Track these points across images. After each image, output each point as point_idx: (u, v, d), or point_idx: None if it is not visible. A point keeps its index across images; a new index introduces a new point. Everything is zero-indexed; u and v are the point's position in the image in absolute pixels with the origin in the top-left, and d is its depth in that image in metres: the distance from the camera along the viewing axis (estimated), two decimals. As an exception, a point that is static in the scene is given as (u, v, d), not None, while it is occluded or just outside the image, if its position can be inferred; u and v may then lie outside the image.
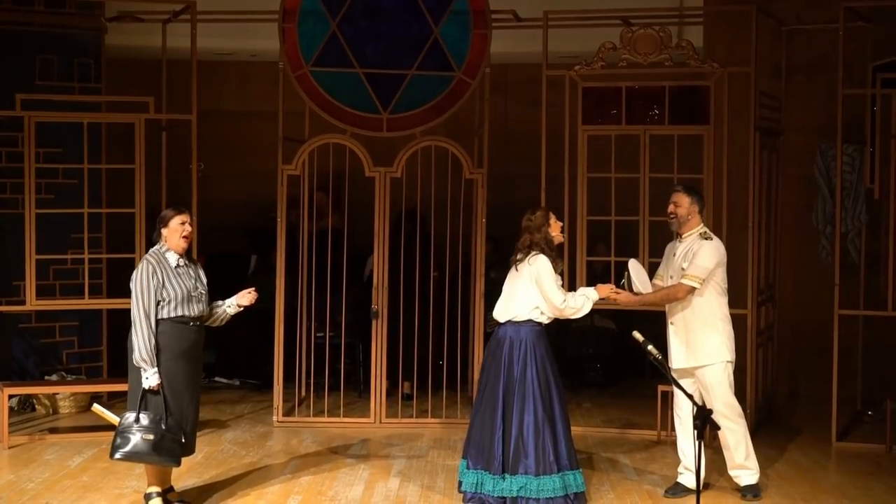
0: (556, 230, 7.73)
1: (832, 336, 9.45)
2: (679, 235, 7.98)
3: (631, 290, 7.93)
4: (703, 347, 7.83)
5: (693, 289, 7.77)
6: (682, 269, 7.81)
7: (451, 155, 9.99)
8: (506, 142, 12.12)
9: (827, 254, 10.51)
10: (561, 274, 7.77)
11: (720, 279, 7.89)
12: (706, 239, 7.86)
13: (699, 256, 7.77)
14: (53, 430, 9.73)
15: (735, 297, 9.41)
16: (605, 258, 9.93)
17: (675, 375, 7.70)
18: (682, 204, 7.91)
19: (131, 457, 7.24)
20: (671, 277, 7.93)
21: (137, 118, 9.75)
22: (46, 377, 10.40)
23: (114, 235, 10.40)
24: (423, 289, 9.99)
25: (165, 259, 7.37)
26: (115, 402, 9.99)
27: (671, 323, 7.94)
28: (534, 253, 7.61)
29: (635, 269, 8.00)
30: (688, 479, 7.95)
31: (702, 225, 7.95)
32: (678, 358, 7.89)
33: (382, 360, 9.98)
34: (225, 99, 12.99)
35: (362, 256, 10.95)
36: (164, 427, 7.23)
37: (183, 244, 7.42)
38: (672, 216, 7.95)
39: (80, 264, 9.89)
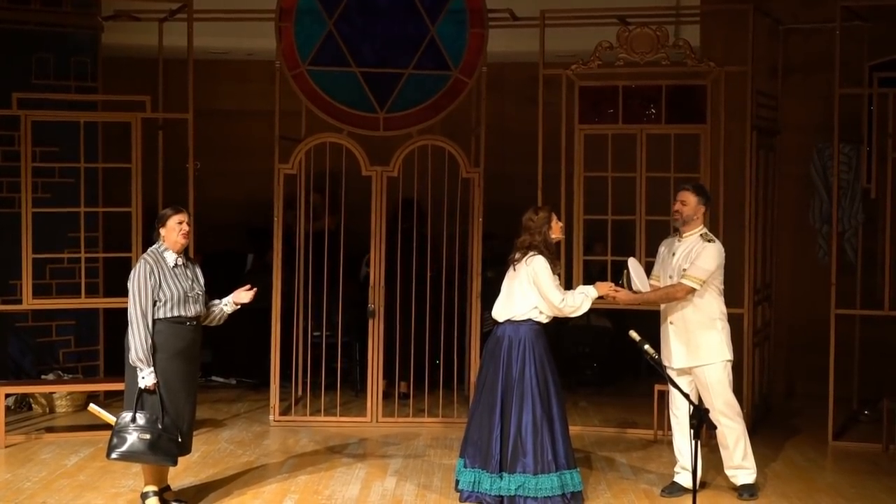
0: (556, 231, 7.73)
1: (829, 335, 9.45)
2: (679, 234, 7.98)
3: (630, 288, 7.94)
4: (703, 347, 7.84)
5: (693, 289, 7.78)
6: (684, 269, 7.81)
7: (447, 154, 9.99)
8: (502, 141, 12.09)
9: (824, 253, 10.51)
10: (558, 275, 7.76)
11: (718, 281, 7.91)
12: (708, 241, 7.86)
13: (701, 258, 7.78)
14: (50, 430, 9.72)
15: (732, 296, 9.41)
16: (602, 257, 9.92)
17: (673, 375, 7.71)
18: (689, 203, 7.92)
19: (128, 456, 7.23)
20: (670, 277, 7.93)
21: (134, 117, 9.74)
22: (43, 376, 10.38)
23: (110, 235, 10.39)
24: (419, 287, 9.99)
25: (163, 258, 7.37)
26: (112, 401, 9.97)
27: (670, 322, 7.94)
28: (531, 253, 7.61)
29: (634, 267, 8.00)
30: (684, 478, 7.96)
31: (703, 226, 7.95)
32: (678, 357, 7.89)
33: (379, 359, 9.98)
34: (221, 98, 12.97)
35: (359, 255, 10.93)
36: (160, 426, 7.23)
37: (182, 242, 7.42)
38: (677, 213, 7.96)
39: (77, 263, 9.89)
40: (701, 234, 7.92)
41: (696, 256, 7.80)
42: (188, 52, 9.86)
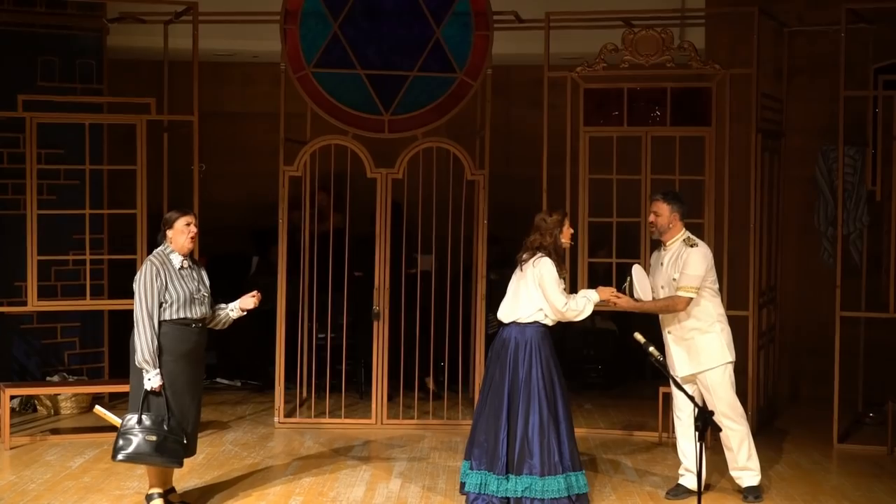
0: (566, 237, 7.72)
1: (834, 338, 9.44)
2: (663, 244, 7.96)
3: (632, 295, 7.92)
4: (703, 352, 7.81)
5: (691, 299, 7.75)
6: (674, 279, 7.78)
7: (452, 156, 9.99)
8: (507, 143, 12.12)
9: (828, 255, 10.51)
10: (564, 279, 7.75)
11: (711, 282, 7.86)
12: (692, 246, 7.81)
13: (689, 266, 7.74)
14: (55, 431, 9.73)
15: (736, 298, 9.44)
16: (607, 260, 9.91)
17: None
18: (663, 213, 7.86)
19: (134, 458, 7.24)
20: (662, 288, 7.90)
21: (139, 119, 9.75)
22: (48, 378, 10.40)
23: (115, 236, 10.41)
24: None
25: (169, 261, 7.37)
26: (117, 403, 10.00)
27: (668, 332, 7.91)
28: (539, 255, 7.61)
29: (638, 275, 7.97)
30: (689, 480, 7.96)
31: (684, 231, 7.90)
32: (681, 366, 7.86)
33: (384, 361, 9.98)
34: (226, 100, 13.00)
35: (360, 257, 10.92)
36: (166, 428, 7.23)
37: (189, 245, 7.43)
38: (652, 226, 7.93)
39: (82, 265, 9.90)
40: (684, 240, 7.86)
41: (683, 264, 7.76)
42: (193, 55, 9.87)
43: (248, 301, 7.68)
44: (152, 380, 7.21)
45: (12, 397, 9.71)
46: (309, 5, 9.90)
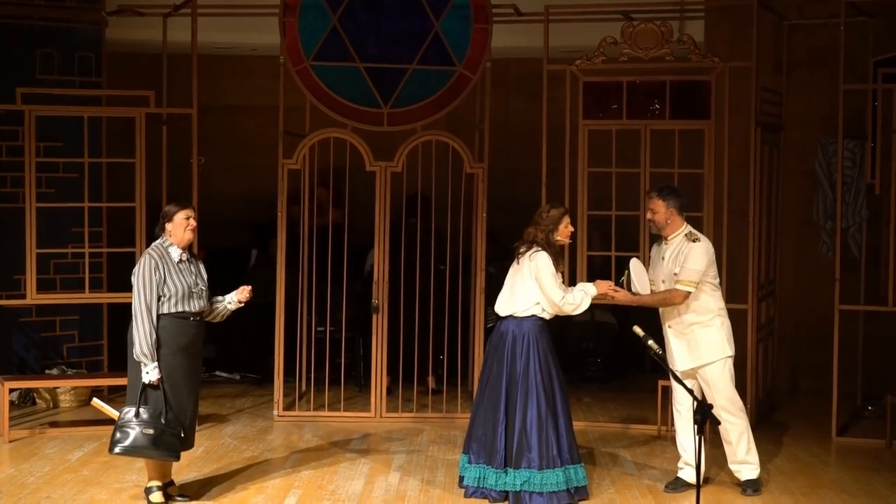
0: (563, 234, 7.70)
1: (833, 331, 9.45)
2: (664, 238, 7.95)
3: (629, 289, 7.91)
4: (703, 346, 7.81)
5: (689, 293, 7.75)
6: (675, 273, 7.78)
7: (451, 149, 9.99)
8: (506, 136, 12.11)
9: (827, 249, 10.51)
10: (561, 273, 7.74)
11: (711, 276, 7.86)
12: (694, 241, 7.80)
13: (690, 260, 7.73)
14: (54, 424, 9.73)
15: (735, 292, 9.44)
16: (606, 253, 9.90)
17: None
18: (659, 209, 7.86)
19: (131, 451, 7.25)
20: (663, 282, 7.89)
21: (138, 112, 9.74)
22: (47, 371, 10.40)
23: (114, 229, 10.40)
24: (426, 283, 9.98)
25: (168, 254, 7.37)
26: (116, 396, 9.99)
27: (668, 326, 7.91)
28: (535, 249, 7.60)
29: (636, 268, 7.96)
30: (688, 473, 7.96)
31: (686, 225, 7.89)
32: (681, 360, 7.85)
33: (383, 354, 9.98)
34: (225, 93, 12.98)
35: (363, 251, 10.94)
36: (163, 421, 7.24)
37: (189, 237, 7.44)
38: (651, 222, 7.93)
39: (81, 258, 9.89)
40: (686, 234, 7.85)
41: (684, 259, 7.75)
42: (192, 48, 9.86)
43: (245, 293, 7.67)
44: (150, 373, 7.21)
45: (11, 390, 9.71)
46: (308, -2, 9.90)
